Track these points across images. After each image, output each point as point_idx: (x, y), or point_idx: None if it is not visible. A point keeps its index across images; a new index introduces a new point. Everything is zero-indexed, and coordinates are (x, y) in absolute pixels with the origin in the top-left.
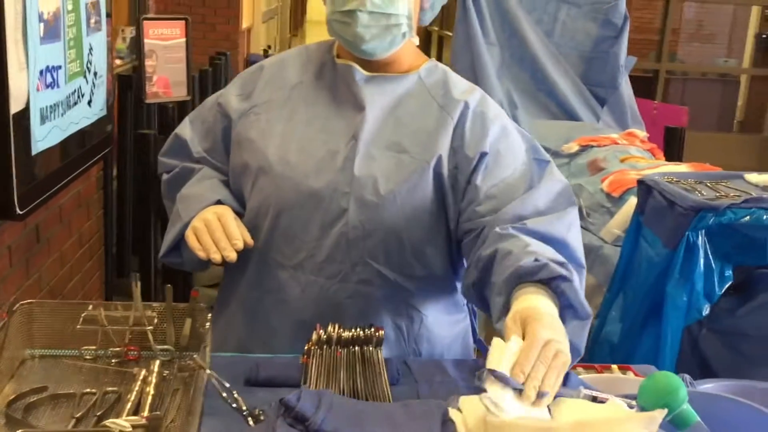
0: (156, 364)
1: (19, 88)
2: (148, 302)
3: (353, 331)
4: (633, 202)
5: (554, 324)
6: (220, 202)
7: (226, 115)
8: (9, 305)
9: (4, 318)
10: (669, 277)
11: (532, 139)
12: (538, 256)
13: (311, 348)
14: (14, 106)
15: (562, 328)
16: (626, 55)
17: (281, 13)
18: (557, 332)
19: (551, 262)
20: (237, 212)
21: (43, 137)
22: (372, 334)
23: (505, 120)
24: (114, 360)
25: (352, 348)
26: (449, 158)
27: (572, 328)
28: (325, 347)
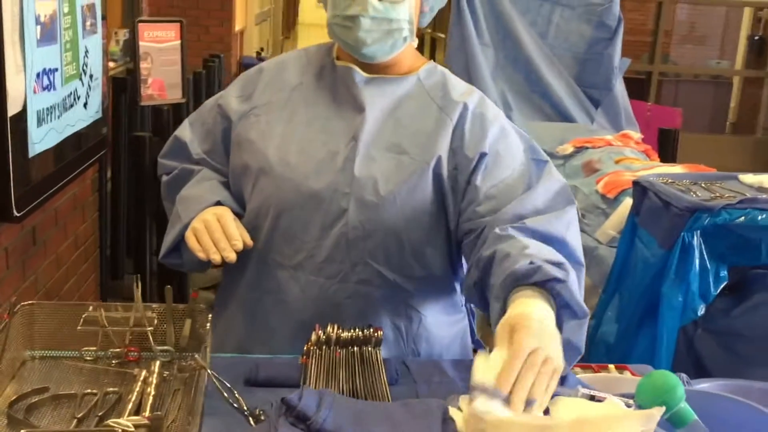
0: (156, 364)
1: (16, 90)
2: (147, 303)
3: (352, 331)
4: (628, 204)
5: (543, 331)
6: (219, 203)
7: (226, 117)
8: (10, 306)
9: (6, 319)
10: (664, 277)
11: (530, 140)
12: (534, 259)
13: (310, 348)
14: (11, 109)
15: (553, 334)
16: (620, 57)
17: (274, 15)
18: (546, 339)
19: (546, 264)
20: (236, 213)
21: (40, 139)
22: (371, 334)
23: (504, 121)
24: (114, 361)
25: (351, 348)
26: (449, 159)
27: (570, 328)
28: (324, 347)
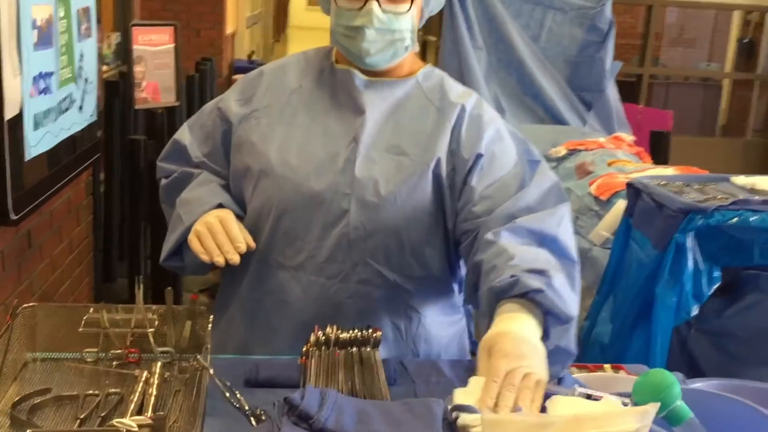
0: (157, 365)
1: (13, 93)
2: (147, 305)
3: (351, 332)
4: (621, 205)
5: (519, 348)
6: (221, 206)
7: (226, 120)
8: (12, 308)
9: (8, 321)
10: (658, 278)
11: (525, 141)
12: (515, 271)
13: (309, 349)
14: (8, 112)
15: (533, 348)
16: (612, 60)
17: (265, 18)
18: (524, 357)
19: (525, 275)
20: (238, 215)
21: (36, 143)
22: (369, 335)
23: (500, 123)
24: (115, 362)
25: (350, 349)
26: (447, 160)
27: (557, 333)
28: (323, 348)
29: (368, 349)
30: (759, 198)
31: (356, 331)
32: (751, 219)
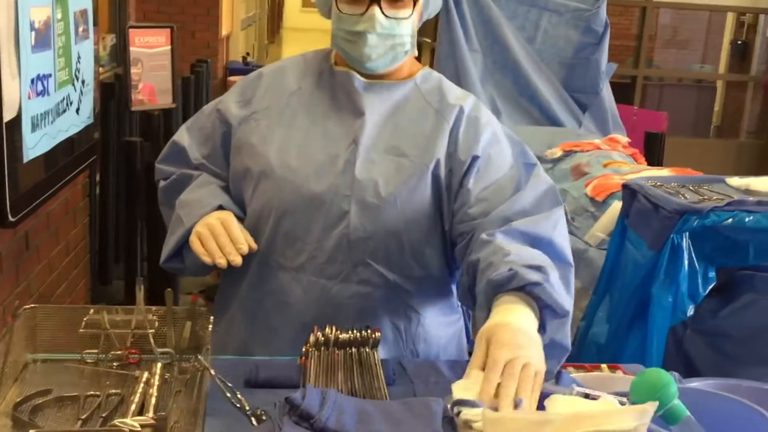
0: (158, 366)
1: (11, 96)
2: (148, 306)
3: (350, 332)
4: (617, 206)
5: (517, 339)
6: (221, 208)
7: (225, 122)
8: (14, 309)
9: (10, 322)
10: (654, 278)
11: (522, 143)
12: (513, 266)
13: (309, 350)
14: (7, 114)
15: (530, 339)
16: (607, 62)
17: (259, 20)
18: (522, 347)
19: (523, 269)
20: (238, 217)
21: (34, 145)
22: (368, 335)
23: (496, 126)
24: (115, 363)
25: (349, 350)
26: (446, 162)
27: (553, 327)
28: (322, 349)
29: (367, 350)
30: (754, 199)
31: (355, 331)
32: (746, 220)
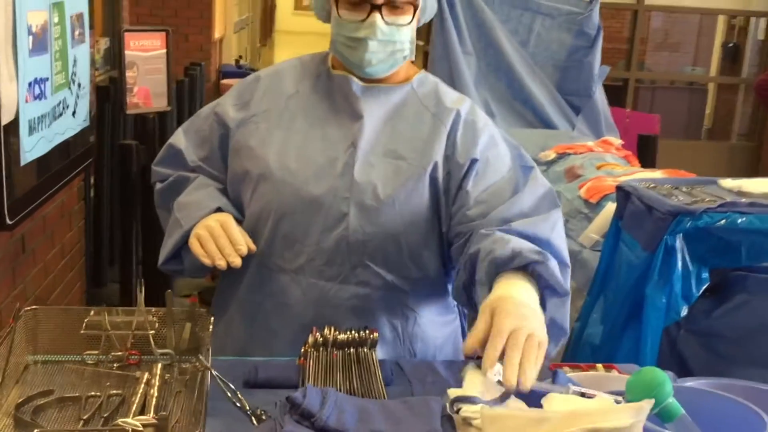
0: (158, 367)
1: (9, 99)
2: (148, 307)
3: (348, 333)
4: (611, 208)
5: (522, 309)
6: (220, 210)
7: (223, 124)
8: (15, 311)
9: (12, 324)
10: (648, 279)
11: (518, 146)
12: (515, 247)
13: (308, 350)
14: (4, 118)
15: (534, 311)
16: (599, 65)
17: (252, 23)
18: (526, 317)
19: (525, 250)
20: (236, 219)
21: (31, 148)
22: (366, 336)
23: (493, 129)
24: (115, 364)
25: (348, 350)
26: (443, 165)
27: (553, 306)
28: (321, 349)
29: (365, 350)
30: (746, 200)
31: (353, 332)
32: (739, 221)
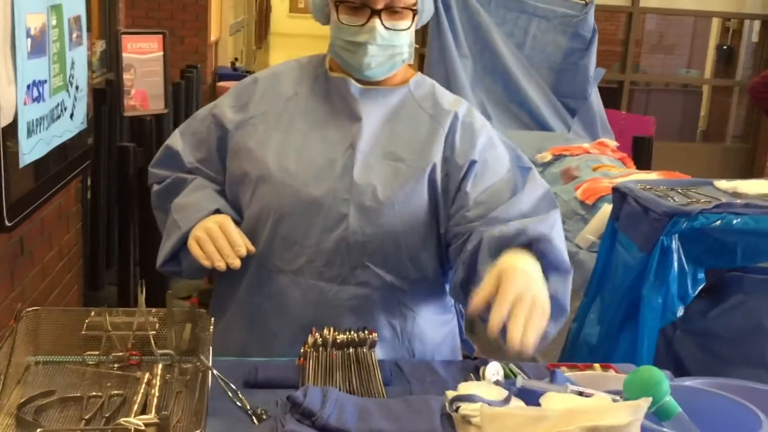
0: (159, 367)
1: (7, 102)
2: (148, 308)
3: (347, 333)
4: (606, 209)
5: (527, 279)
6: (218, 211)
7: (221, 126)
8: (16, 312)
9: (13, 325)
10: (644, 280)
11: (515, 148)
12: (519, 227)
13: (307, 351)
14: (3, 120)
15: (539, 280)
16: (595, 67)
17: (247, 25)
18: (531, 285)
19: (530, 228)
20: (235, 221)
21: (30, 150)
22: (365, 336)
23: (491, 130)
24: (116, 365)
25: (347, 350)
26: (442, 166)
27: (555, 283)
28: (320, 350)
29: (365, 350)
30: (741, 201)
31: (353, 332)
32: (734, 222)
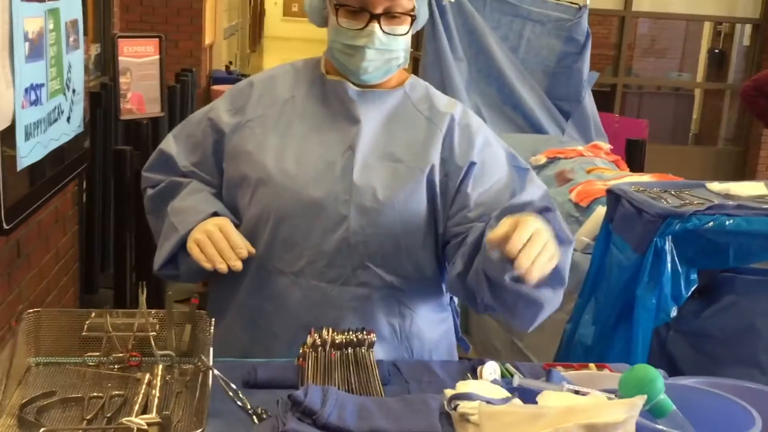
0: (159, 368)
1: (5, 105)
2: (148, 309)
3: (346, 334)
4: (601, 211)
5: (543, 226)
6: (216, 214)
7: (217, 130)
8: (17, 313)
9: (15, 326)
10: (638, 281)
11: (509, 148)
12: (525, 199)
13: (306, 351)
14: (1, 123)
15: (548, 235)
16: (588, 70)
17: (241, 29)
18: (543, 236)
19: (536, 201)
20: (233, 223)
21: (27, 153)
22: (364, 337)
23: (487, 131)
24: (116, 366)
25: (346, 350)
26: (440, 167)
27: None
28: (319, 350)
29: (363, 351)
30: (733, 203)
31: (351, 333)
32: (727, 223)
